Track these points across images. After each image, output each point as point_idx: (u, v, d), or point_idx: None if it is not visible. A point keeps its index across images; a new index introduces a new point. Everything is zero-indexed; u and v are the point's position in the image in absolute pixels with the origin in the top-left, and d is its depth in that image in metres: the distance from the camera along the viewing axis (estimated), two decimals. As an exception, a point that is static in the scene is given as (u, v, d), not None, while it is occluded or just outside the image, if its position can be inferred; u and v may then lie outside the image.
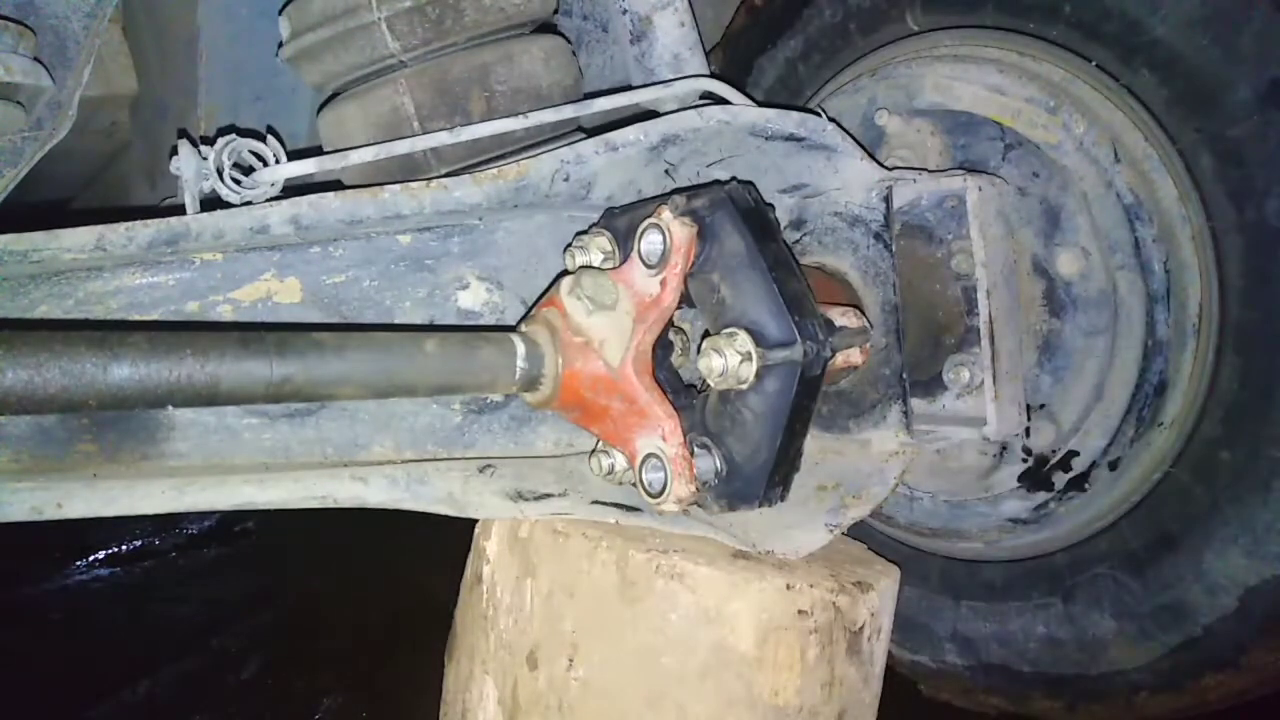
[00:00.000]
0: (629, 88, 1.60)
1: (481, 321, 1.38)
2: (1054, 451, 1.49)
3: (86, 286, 1.14)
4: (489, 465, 1.26)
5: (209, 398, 0.84)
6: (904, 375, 1.42)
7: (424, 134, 1.36)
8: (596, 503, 1.21)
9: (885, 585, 1.23)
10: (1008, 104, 1.47)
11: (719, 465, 1.16)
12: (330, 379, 0.93)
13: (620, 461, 1.21)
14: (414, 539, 2.63)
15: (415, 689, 2.17)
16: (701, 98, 1.55)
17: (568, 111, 1.41)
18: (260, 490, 1.10)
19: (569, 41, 1.55)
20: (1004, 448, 1.53)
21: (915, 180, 1.41)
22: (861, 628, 1.17)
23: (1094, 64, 1.37)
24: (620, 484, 1.25)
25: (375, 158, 1.33)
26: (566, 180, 1.27)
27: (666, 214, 1.14)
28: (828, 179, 1.48)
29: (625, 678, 1.12)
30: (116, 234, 1.09)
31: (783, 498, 1.19)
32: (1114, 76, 1.34)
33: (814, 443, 1.48)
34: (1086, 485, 1.46)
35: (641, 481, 1.15)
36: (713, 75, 1.63)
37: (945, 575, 1.66)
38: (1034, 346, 1.47)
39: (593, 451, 1.25)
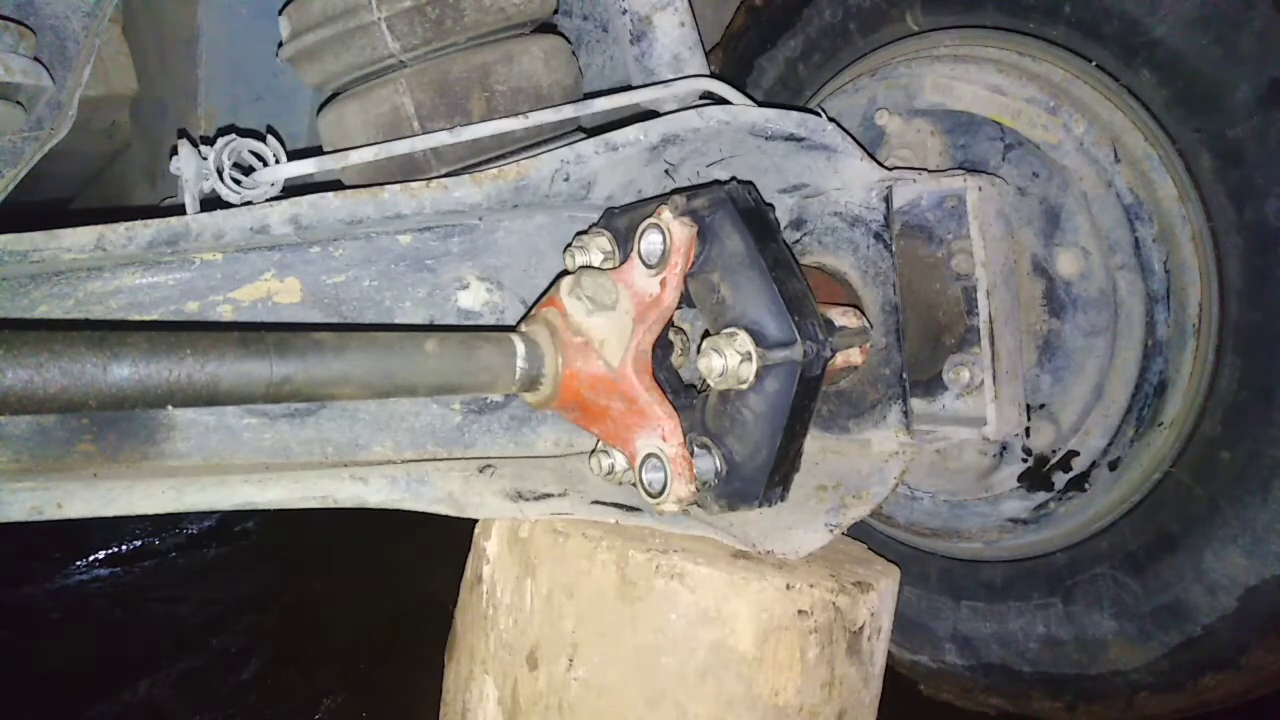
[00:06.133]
0: (629, 88, 1.60)
1: (481, 321, 1.38)
2: (1054, 451, 1.49)
3: (86, 286, 1.14)
4: (489, 465, 1.26)
5: (209, 398, 0.84)
6: (904, 375, 1.42)
7: (424, 134, 1.36)
8: (596, 503, 1.22)
9: (885, 585, 1.23)
10: (1008, 104, 1.47)
11: (719, 465, 1.16)
12: (330, 379, 0.93)
13: (620, 461, 1.21)
14: (414, 539, 2.64)
15: (415, 689, 2.17)
16: (701, 98, 1.55)
17: (568, 111, 1.41)
18: (260, 490, 1.10)
19: (569, 41, 1.55)
20: (1004, 448, 1.53)
21: (915, 180, 1.41)
22: (861, 628, 1.17)
23: (1094, 64, 1.37)
24: (620, 484, 1.25)
25: (375, 158, 1.33)
26: (566, 180, 1.27)
27: (666, 214, 1.14)
28: (828, 179, 1.48)
29: (625, 678, 1.12)
30: (116, 234, 1.09)
31: (783, 498, 1.19)
32: (1114, 76, 1.35)
33: (814, 443, 1.48)
34: (1086, 485, 1.46)
35: (641, 481, 1.15)
36: (713, 75, 1.64)
37: (945, 575, 1.66)
38: (1034, 346, 1.47)
39: (593, 451, 1.25)
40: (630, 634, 1.12)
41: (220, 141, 1.22)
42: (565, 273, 1.21)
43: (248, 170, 1.24)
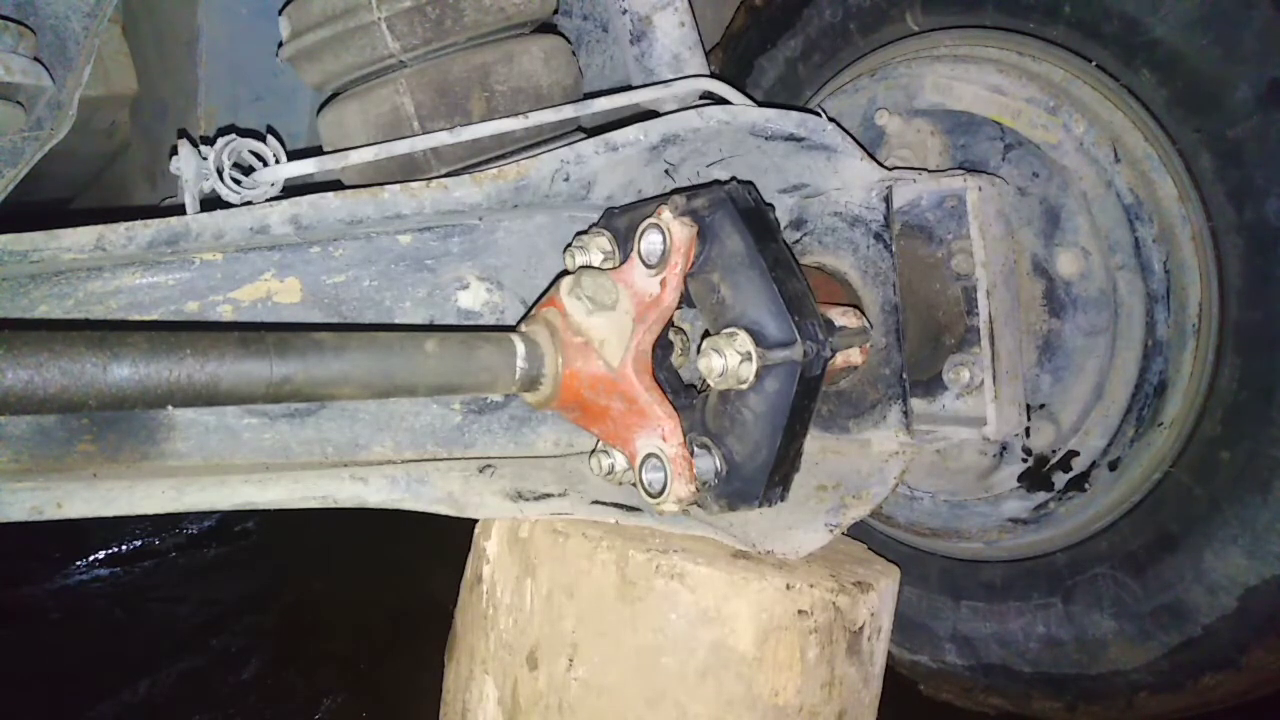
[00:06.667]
0: (629, 88, 1.60)
1: (481, 321, 1.38)
2: (1054, 451, 1.49)
3: (86, 286, 1.14)
4: (489, 465, 1.26)
5: (209, 398, 0.84)
6: (904, 375, 1.42)
7: (424, 134, 1.36)
8: (596, 503, 1.21)
9: (885, 585, 1.23)
10: (1008, 104, 1.47)
11: (719, 465, 1.16)
12: (330, 379, 0.93)
13: (620, 461, 1.21)
14: (414, 539, 2.64)
15: (415, 689, 2.17)
16: (701, 98, 1.55)
17: (568, 111, 1.41)
18: (260, 490, 1.10)
19: (569, 41, 1.55)
20: (1004, 448, 1.53)
21: (915, 180, 1.41)
22: (861, 628, 1.17)
23: (1094, 64, 1.37)
24: (620, 484, 1.25)
25: (375, 158, 1.33)
26: (566, 180, 1.27)
27: (666, 214, 1.14)
28: (828, 179, 1.48)
29: (625, 678, 1.12)
30: (116, 234, 1.09)
31: (783, 498, 1.19)
32: (1114, 76, 1.34)
33: (814, 443, 1.48)
34: (1086, 485, 1.46)
35: (641, 481, 1.15)
36: (713, 75, 1.63)
37: (945, 575, 1.66)
38: (1034, 346, 1.47)
39: (593, 451, 1.25)
40: (630, 634, 1.12)
41: (220, 141, 1.22)
42: (565, 273, 1.21)
43: (248, 170, 1.24)
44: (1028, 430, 1.49)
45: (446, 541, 1.49)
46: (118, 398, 0.78)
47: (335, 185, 1.31)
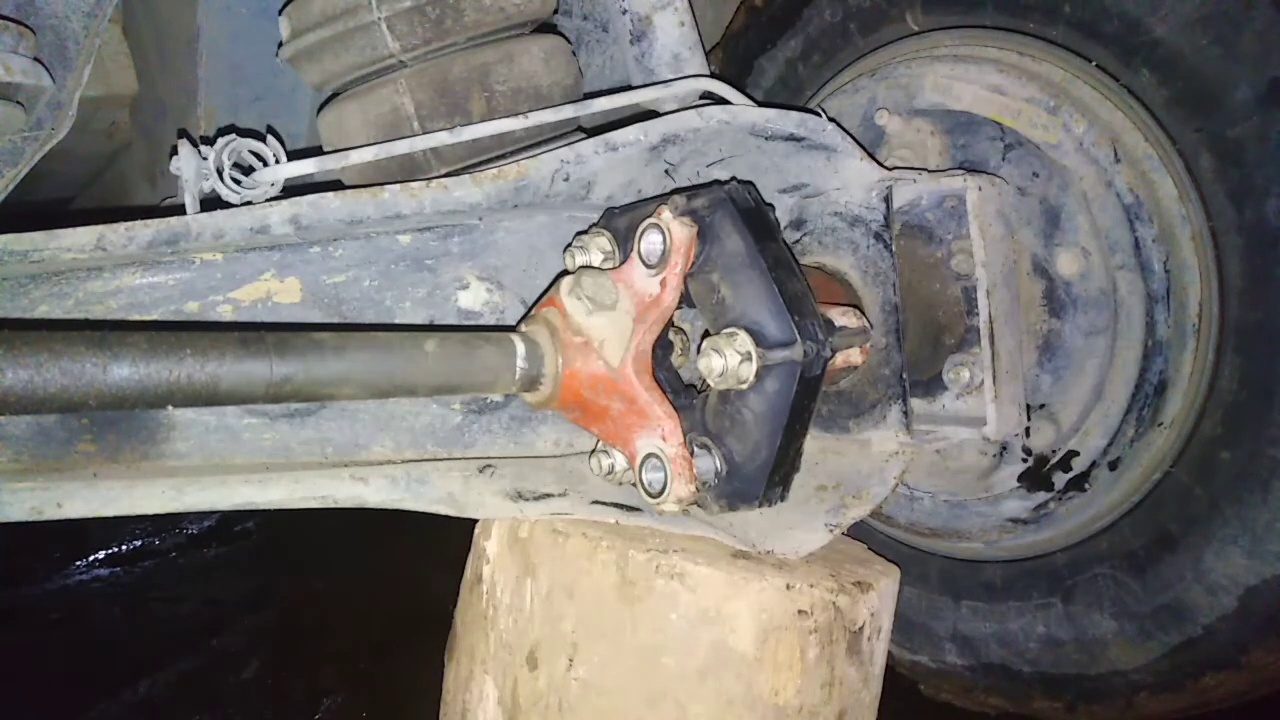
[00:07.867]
0: (629, 88, 1.60)
1: (481, 321, 1.38)
2: (1054, 451, 1.49)
3: (86, 286, 1.14)
4: (489, 465, 1.26)
5: (209, 398, 0.84)
6: (904, 375, 1.42)
7: (424, 134, 1.36)
8: (596, 503, 1.22)
9: (885, 585, 1.23)
10: (1008, 104, 1.47)
11: (719, 465, 1.16)
12: (330, 379, 0.93)
13: (620, 461, 1.21)
14: (414, 539, 2.63)
15: (415, 689, 2.17)
16: (701, 98, 1.55)
17: (568, 111, 1.41)
18: (260, 490, 1.10)
19: (569, 41, 1.55)
20: (1004, 448, 1.53)
21: (915, 180, 1.41)
22: (861, 628, 1.17)
23: (1094, 64, 1.37)
24: (620, 484, 1.25)
25: (375, 158, 1.33)
26: (566, 180, 1.27)
27: (666, 214, 1.14)
28: (828, 179, 1.48)
29: (625, 677, 1.12)
30: (116, 234, 1.09)
31: (783, 498, 1.19)
32: (1114, 76, 1.35)
33: (814, 443, 1.48)
34: (1086, 485, 1.46)
35: (641, 481, 1.15)
36: (713, 75, 1.63)
37: (945, 575, 1.66)
38: (1034, 346, 1.47)
39: (593, 451, 1.25)
40: (630, 634, 1.12)
41: (220, 141, 1.22)
42: (565, 273, 1.21)
43: (248, 170, 1.24)
44: (1028, 430, 1.49)
45: (446, 542, 1.49)
46: (118, 398, 0.78)
47: (335, 185, 1.31)
